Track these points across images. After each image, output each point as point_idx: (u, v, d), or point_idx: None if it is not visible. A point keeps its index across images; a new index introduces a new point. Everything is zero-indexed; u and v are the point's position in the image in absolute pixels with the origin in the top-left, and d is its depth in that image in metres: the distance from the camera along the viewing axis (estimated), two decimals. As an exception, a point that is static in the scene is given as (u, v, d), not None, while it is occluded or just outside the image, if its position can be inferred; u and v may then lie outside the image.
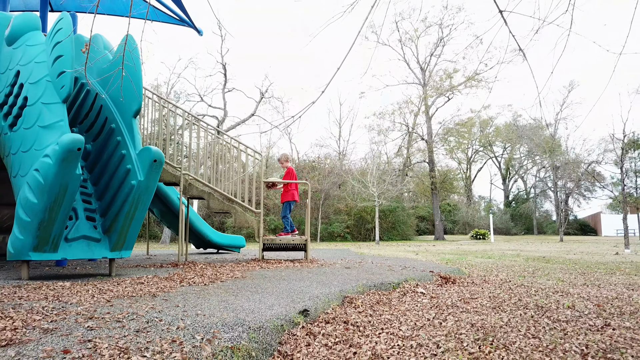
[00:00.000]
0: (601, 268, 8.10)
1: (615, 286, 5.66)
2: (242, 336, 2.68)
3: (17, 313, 3.11)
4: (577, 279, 6.51)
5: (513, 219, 51.27)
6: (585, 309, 4.11)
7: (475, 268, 7.98)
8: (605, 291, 5.16)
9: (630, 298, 4.62)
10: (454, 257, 10.77)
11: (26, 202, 4.63)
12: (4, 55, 5.54)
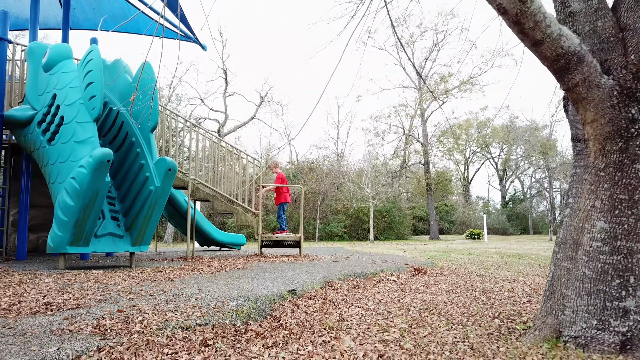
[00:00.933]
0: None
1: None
2: (244, 304, 3.66)
3: (73, 290, 4.09)
4: (534, 270, 7.49)
5: (510, 219, 52.12)
6: (522, 291, 5.08)
7: (451, 263, 8.95)
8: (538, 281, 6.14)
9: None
10: (437, 254, 11.73)
11: (64, 204, 5.60)
12: (42, 80, 6.52)
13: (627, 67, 2.68)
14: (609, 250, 2.68)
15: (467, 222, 49.28)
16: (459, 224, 50.03)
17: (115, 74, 7.00)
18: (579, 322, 2.71)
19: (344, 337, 2.99)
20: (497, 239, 34.75)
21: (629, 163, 2.67)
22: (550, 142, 42.75)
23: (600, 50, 2.74)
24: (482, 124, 53.98)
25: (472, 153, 58.90)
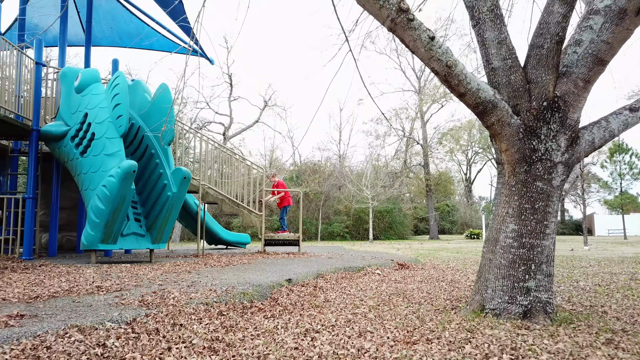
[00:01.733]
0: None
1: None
2: (249, 288, 4.64)
3: (112, 278, 5.10)
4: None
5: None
6: (483, 281, 6.03)
7: (435, 260, 9.91)
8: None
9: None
10: (427, 253, 12.69)
11: (96, 208, 6.61)
12: (74, 100, 7.53)
13: (530, 111, 3.65)
14: (517, 245, 3.65)
15: (469, 222, 50.02)
16: (461, 224, 50.79)
17: (135, 93, 8.00)
18: (496, 298, 3.68)
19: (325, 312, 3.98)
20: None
21: (532, 181, 3.64)
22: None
23: (513, 97, 3.71)
24: (484, 125, 54.67)
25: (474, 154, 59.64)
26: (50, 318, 3.12)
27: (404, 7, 3.34)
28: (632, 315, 3.87)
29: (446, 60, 3.42)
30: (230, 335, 3.06)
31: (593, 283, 5.99)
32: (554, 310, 3.64)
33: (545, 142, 3.63)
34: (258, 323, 3.54)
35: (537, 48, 3.67)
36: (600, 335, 3.10)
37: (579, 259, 10.08)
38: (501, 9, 3.82)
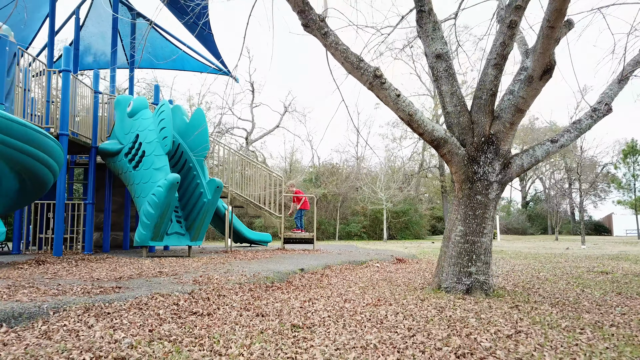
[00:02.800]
0: (521, 256, 11.31)
1: (505, 262, 8.93)
2: (270, 274, 6.13)
3: (165, 267, 6.66)
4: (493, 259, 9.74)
5: (530, 220, 53.04)
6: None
7: (433, 256, 11.25)
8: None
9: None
10: (431, 250, 14.02)
11: (147, 212, 8.20)
12: (127, 123, 9.15)
13: (473, 144, 5.04)
14: (463, 241, 5.04)
15: (486, 222, 50.59)
16: (478, 224, 51.50)
17: (175, 116, 9.59)
18: (448, 279, 5.08)
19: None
20: (511, 238, 36.49)
21: (473, 195, 5.03)
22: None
23: (461, 133, 5.10)
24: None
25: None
26: (137, 289, 4.66)
27: (378, 74, 4.78)
28: (555, 295, 5.21)
29: (408, 111, 4.84)
30: (257, 302, 4.54)
31: (552, 274, 7.30)
32: (489, 288, 5.02)
33: (484, 167, 5.01)
34: (276, 296, 5.01)
35: (477, 99, 5.07)
36: (513, 303, 4.48)
37: (563, 256, 11.30)
38: (454, 69, 5.23)
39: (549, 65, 4.48)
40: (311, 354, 2.74)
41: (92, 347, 2.80)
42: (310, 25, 4.69)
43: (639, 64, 5.71)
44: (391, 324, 3.53)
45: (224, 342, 3.00)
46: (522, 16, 4.77)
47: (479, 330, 3.31)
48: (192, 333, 3.22)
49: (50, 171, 6.89)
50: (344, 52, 4.78)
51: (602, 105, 5.42)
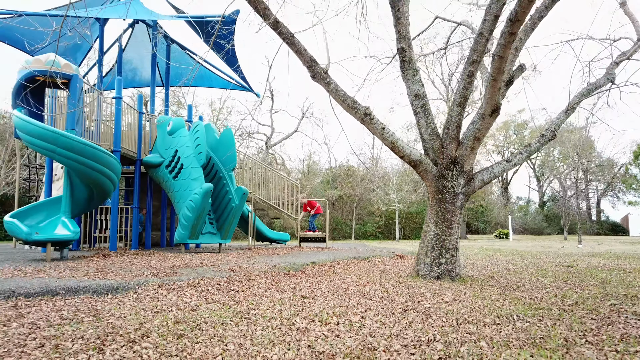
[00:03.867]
0: (511, 254, 12.68)
1: (492, 258, 10.35)
2: (288, 265, 7.71)
3: (204, 259, 8.31)
4: (481, 257, 11.16)
5: (547, 220, 53.42)
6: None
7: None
8: (472, 259, 9.88)
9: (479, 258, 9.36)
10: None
11: (186, 215, 9.86)
12: (167, 140, 10.84)
13: (442, 164, 6.53)
14: (435, 239, 6.53)
15: (503, 223, 51.41)
16: (494, 224, 52.30)
17: (208, 133, 11.26)
18: (424, 268, 6.58)
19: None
20: (524, 238, 37.44)
21: (443, 204, 6.51)
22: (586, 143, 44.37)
23: (434, 155, 6.60)
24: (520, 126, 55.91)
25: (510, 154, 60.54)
26: (188, 274, 6.29)
27: (368, 112, 6.32)
28: (508, 281, 6.65)
29: (391, 139, 6.37)
30: (277, 284, 6.12)
31: (523, 267, 8.71)
32: (456, 275, 6.50)
33: (451, 182, 6.50)
34: (292, 280, 6.58)
35: (446, 129, 6.56)
36: (468, 285, 5.96)
37: (549, 254, 12.62)
38: (429, 105, 6.73)
39: (496, 106, 5.95)
40: (311, 309, 4.30)
41: (172, 305, 4.41)
42: (317, 77, 6.25)
43: (583, 96, 7.13)
44: (370, 295, 5.07)
45: (256, 304, 4.58)
46: (478, 68, 6.24)
47: (427, 299, 4.83)
48: (234, 300, 4.81)
49: (111, 182, 8.60)
50: (342, 96, 6.34)
51: (549, 132, 6.86)
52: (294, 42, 6.09)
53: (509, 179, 61.23)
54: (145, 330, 3.38)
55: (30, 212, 8.39)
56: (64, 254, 8.32)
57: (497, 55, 5.40)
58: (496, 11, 5.59)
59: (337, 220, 35.01)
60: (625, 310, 4.46)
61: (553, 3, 6.45)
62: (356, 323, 3.72)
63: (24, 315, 3.85)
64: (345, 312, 4.18)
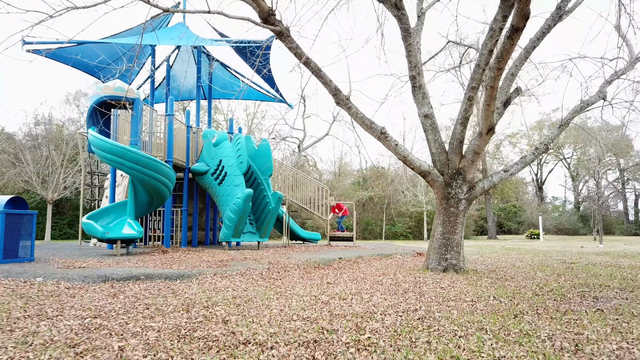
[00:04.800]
0: (527, 252, 13.58)
1: (506, 256, 11.36)
2: (318, 260, 9.02)
3: (247, 255, 9.71)
4: (495, 255, 12.16)
5: (582, 220, 52.79)
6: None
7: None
8: (487, 257, 10.93)
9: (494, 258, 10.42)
10: (456, 248, 16.42)
11: (229, 217, 11.31)
12: (212, 151, 12.33)
13: (448, 174, 7.69)
14: (442, 238, 7.69)
15: (536, 223, 51.13)
16: (527, 224, 52.13)
17: (247, 144, 12.69)
18: (432, 263, 7.75)
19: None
20: (555, 238, 37.57)
21: (448, 208, 7.67)
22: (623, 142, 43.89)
23: (441, 167, 7.76)
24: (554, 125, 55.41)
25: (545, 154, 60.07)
26: (235, 266, 7.68)
27: (384, 131, 7.54)
28: (507, 274, 7.73)
29: (403, 154, 7.58)
30: (308, 274, 7.41)
31: (528, 264, 9.70)
32: (460, 268, 7.63)
33: (455, 189, 7.64)
34: (320, 271, 7.87)
35: (451, 144, 7.71)
36: (468, 276, 7.09)
37: (562, 253, 13.45)
38: (437, 124, 7.89)
39: (491, 127, 7.07)
40: (333, 290, 5.58)
41: (228, 287, 5.78)
42: (340, 103, 7.53)
43: (576, 112, 8.14)
44: (381, 282, 6.31)
45: (291, 287, 5.89)
46: (477, 93, 7.37)
47: (427, 285, 6.03)
48: (274, 285, 6.14)
49: (168, 189, 10.12)
50: (361, 118, 7.59)
51: (542, 146, 7.91)
52: (321, 74, 7.38)
53: (543, 178, 60.77)
54: (213, 302, 4.74)
55: (101, 214, 10.00)
56: (129, 250, 9.89)
57: (488, 86, 6.53)
58: (490, 47, 6.72)
59: (367, 220, 36.10)
60: (590, 295, 5.54)
61: (544, 35, 7.50)
62: (365, 299, 4.98)
63: (123, 292, 5.29)
64: (359, 292, 5.44)
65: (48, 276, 6.23)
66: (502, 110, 7.75)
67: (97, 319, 3.88)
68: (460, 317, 4.08)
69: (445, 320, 3.98)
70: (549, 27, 7.50)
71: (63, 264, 7.58)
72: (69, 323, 3.72)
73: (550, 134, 8.10)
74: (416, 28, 8.26)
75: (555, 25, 7.51)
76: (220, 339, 3.31)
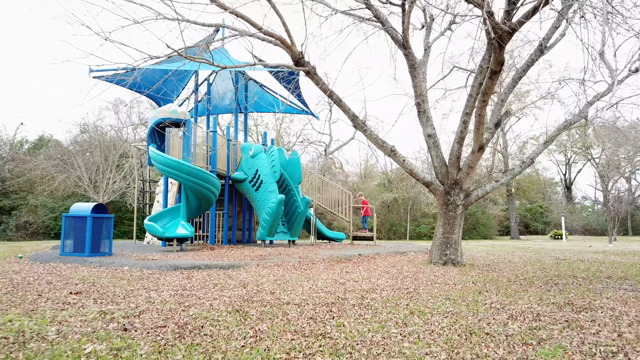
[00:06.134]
0: (531, 251, 14.95)
1: (509, 255, 12.82)
2: (341, 256, 10.72)
3: (281, 251, 11.53)
4: (502, 253, 13.60)
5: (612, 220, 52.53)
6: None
7: (467, 251, 15.17)
8: (491, 254, 12.42)
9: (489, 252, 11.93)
10: (473, 247, 17.85)
11: (265, 219, 13.13)
12: (249, 161, 14.18)
13: (447, 184, 9.28)
14: (443, 237, 9.28)
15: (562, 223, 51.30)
16: (554, 225, 52.42)
17: (280, 155, 14.50)
18: (435, 258, 9.35)
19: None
20: (580, 239, 38.16)
21: (448, 212, 9.25)
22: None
23: (442, 178, 9.35)
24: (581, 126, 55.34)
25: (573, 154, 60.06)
26: (272, 259, 9.46)
27: (393, 149, 9.19)
28: (497, 267, 9.24)
29: (410, 167, 9.21)
30: (332, 267, 9.12)
31: (523, 260, 11.14)
32: (458, 262, 9.20)
33: (453, 197, 9.22)
34: (342, 265, 9.55)
35: (450, 159, 9.29)
36: (462, 268, 8.66)
37: (563, 251, 14.74)
38: (439, 142, 9.48)
39: (481, 146, 8.63)
40: (350, 276, 7.28)
41: (269, 274, 7.55)
42: (357, 126, 9.21)
43: (560, 131, 9.60)
44: (389, 272, 7.96)
45: (317, 275, 7.61)
46: (470, 118, 8.94)
47: (425, 273, 7.66)
48: (304, 273, 7.88)
49: (214, 195, 12.00)
50: (374, 138, 9.26)
51: (528, 159, 9.40)
52: (342, 104, 9.09)
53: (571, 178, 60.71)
54: (261, 282, 6.52)
55: (159, 217, 11.96)
56: (182, 247, 11.81)
57: (476, 114, 8.11)
58: (480, 80, 8.28)
59: (392, 221, 37.53)
60: (552, 282, 7.06)
61: (528, 67, 9.01)
62: (372, 281, 6.67)
63: (193, 276, 7.13)
64: (368, 278, 7.14)
65: (132, 265, 8.16)
66: (493, 130, 9.28)
67: (185, 291, 5.70)
68: (438, 293, 5.73)
69: (426, 294, 5.64)
70: (532, 61, 9.00)
71: (137, 257, 9.53)
72: (168, 293, 5.56)
73: (537, 149, 9.57)
74: (422, 60, 9.87)
75: (538, 59, 9.01)
76: (270, 301, 5.07)
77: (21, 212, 27.73)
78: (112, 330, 3.83)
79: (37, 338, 3.55)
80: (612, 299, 5.33)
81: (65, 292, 5.54)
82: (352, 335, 3.70)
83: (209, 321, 4.14)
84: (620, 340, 3.52)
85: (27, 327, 3.80)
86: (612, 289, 6.31)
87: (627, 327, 3.96)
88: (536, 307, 4.77)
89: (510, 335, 3.66)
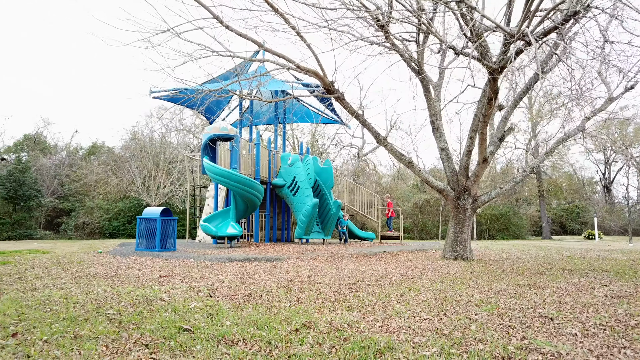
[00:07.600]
0: (547, 249, 16.19)
1: (523, 252, 14.19)
2: (367, 252, 12.42)
3: (316, 248, 13.32)
4: (516, 250, 14.94)
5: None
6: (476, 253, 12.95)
7: (486, 249, 16.56)
8: (506, 252, 13.84)
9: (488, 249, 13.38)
10: (494, 246, 19.14)
11: (301, 220, 14.96)
12: (288, 169, 16.04)
13: (457, 190, 10.84)
14: (454, 236, 10.84)
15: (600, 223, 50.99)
16: (591, 225, 52.04)
17: (314, 163, 16.32)
18: (447, 253, 10.92)
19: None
20: (615, 239, 38.28)
21: (458, 214, 10.80)
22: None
23: (453, 185, 10.92)
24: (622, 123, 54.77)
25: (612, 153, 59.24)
26: (309, 254, 11.28)
27: (411, 161, 10.84)
28: (501, 262, 10.71)
29: (425, 176, 10.83)
30: (358, 260, 10.82)
31: (530, 257, 12.50)
32: (467, 257, 10.73)
33: (463, 201, 10.76)
34: (368, 259, 11.24)
35: (459, 169, 10.84)
36: (470, 263, 10.20)
37: (577, 249, 15.89)
38: (450, 154, 11.05)
39: (485, 158, 10.15)
40: (371, 267, 9.00)
41: (307, 265, 9.35)
42: (379, 142, 10.89)
43: (559, 143, 10.99)
44: (404, 264, 9.61)
45: (345, 266, 9.35)
46: (476, 134, 10.46)
47: (434, 265, 9.27)
48: (334, 265, 9.63)
49: (259, 200, 13.93)
50: (395, 152, 10.91)
51: (529, 169, 10.83)
52: (366, 123, 10.79)
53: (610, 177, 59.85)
54: (299, 270, 8.33)
55: (212, 218, 13.99)
56: (232, 244, 13.80)
57: (479, 132, 9.65)
58: (483, 102, 9.82)
59: (424, 221, 38.74)
60: (542, 273, 8.54)
61: (528, 90, 10.46)
62: (388, 270, 8.37)
63: (246, 266, 9.01)
64: (386, 268, 8.84)
65: (196, 258, 10.14)
66: (498, 144, 10.75)
67: (243, 276, 7.57)
68: (436, 278, 7.38)
69: (426, 279, 7.30)
70: (531, 84, 10.45)
71: (197, 252, 11.55)
72: (232, 276, 7.44)
73: (537, 160, 10.98)
74: (437, 82, 11.45)
75: (533, 86, 10.45)
76: (307, 282, 6.86)
77: (79, 214, 30.68)
78: (203, 296, 5.71)
79: (156, 299, 5.46)
80: (570, 283, 6.84)
81: (155, 276, 7.51)
82: (363, 301, 5.45)
83: (265, 293, 5.97)
84: (543, 304, 5.11)
85: (146, 294, 5.73)
86: (585, 278, 7.77)
87: (556, 298, 5.52)
88: (503, 287, 6.37)
89: (470, 301, 5.31)
